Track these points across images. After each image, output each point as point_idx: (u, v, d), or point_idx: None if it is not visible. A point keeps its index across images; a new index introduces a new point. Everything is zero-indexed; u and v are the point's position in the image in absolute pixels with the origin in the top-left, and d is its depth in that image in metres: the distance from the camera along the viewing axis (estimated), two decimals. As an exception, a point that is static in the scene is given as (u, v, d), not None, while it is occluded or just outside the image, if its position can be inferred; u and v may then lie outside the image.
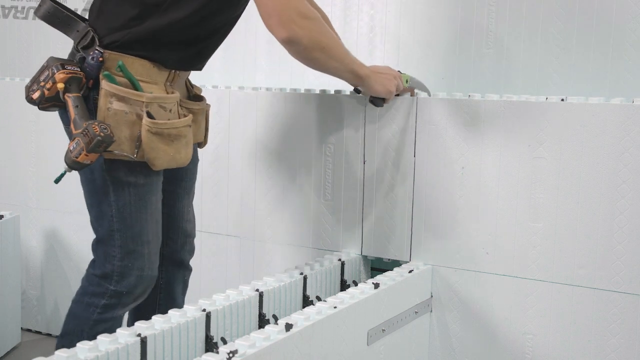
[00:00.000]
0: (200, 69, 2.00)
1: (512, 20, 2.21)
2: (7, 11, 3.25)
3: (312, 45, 1.82)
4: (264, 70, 2.63)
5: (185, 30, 1.85)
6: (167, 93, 1.89)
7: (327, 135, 2.30)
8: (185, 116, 1.92)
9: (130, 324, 2.16)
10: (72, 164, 1.76)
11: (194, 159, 2.14)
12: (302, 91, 2.36)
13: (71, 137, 1.77)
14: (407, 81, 2.14)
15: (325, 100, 2.30)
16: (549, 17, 2.17)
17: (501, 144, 2.06)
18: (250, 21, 2.26)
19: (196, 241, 2.58)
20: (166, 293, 2.15)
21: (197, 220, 2.57)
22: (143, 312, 2.09)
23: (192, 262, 2.61)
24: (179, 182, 2.10)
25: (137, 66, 1.82)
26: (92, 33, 1.83)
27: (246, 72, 2.68)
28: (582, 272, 1.98)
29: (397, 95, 2.14)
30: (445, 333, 2.17)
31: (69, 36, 1.87)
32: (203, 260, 2.58)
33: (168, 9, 1.81)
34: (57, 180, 1.84)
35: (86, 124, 1.73)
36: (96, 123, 1.73)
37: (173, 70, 1.90)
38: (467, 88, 2.28)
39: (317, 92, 2.32)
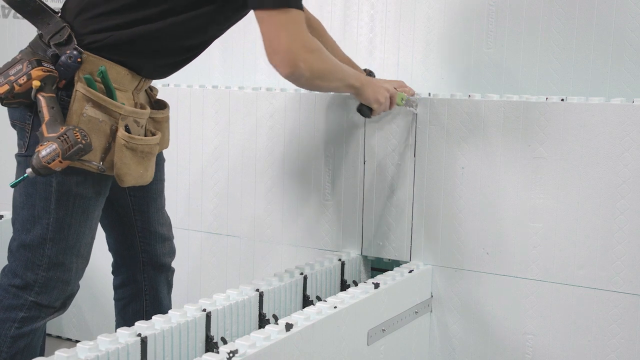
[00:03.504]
0: (166, 77, 1.94)
1: (512, 20, 2.21)
2: (7, 11, 3.25)
3: (314, 75, 1.81)
4: (264, 70, 2.63)
5: (175, 39, 1.79)
6: (135, 102, 1.82)
7: (327, 135, 2.30)
8: (152, 133, 1.86)
9: (118, 326, 2.14)
10: (42, 169, 1.63)
11: (162, 160, 2.09)
12: (303, 91, 2.36)
13: (40, 139, 1.66)
14: (402, 99, 2.13)
15: (325, 101, 2.30)
16: (549, 17, 2.17)
17: (501, 143, 2.06)
18: (250, 21, 2.25)
19: (197, 241, 2.59)
20: (152, 297, 2.10)
21: (197, 220, 2.58)
22: (130, 318, 2.06)
23: (193, 262, 2.61)
24: (148, 185, 2.00)
25: (113, 72, 1.74)
26: (69, 30, 1.72)
27: (246, 72, 2.67)
28: (582, 272, 1.98)
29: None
30: (445, 333, 2.17)
31: (39, 28, 1.75)
32: (203, 260, 2.58)
33: (162, 15, 1.74)
34: (14, 185, 1.71)
35: (64, 128, 1.64)
36: (77, 129, 1.64)
37: (143, 79, 1.84)
38: (467, 88, 2.28)
39: (318, 92, 2.32)
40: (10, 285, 1.77)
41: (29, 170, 1.65)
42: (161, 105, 1.99)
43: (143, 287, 2.09)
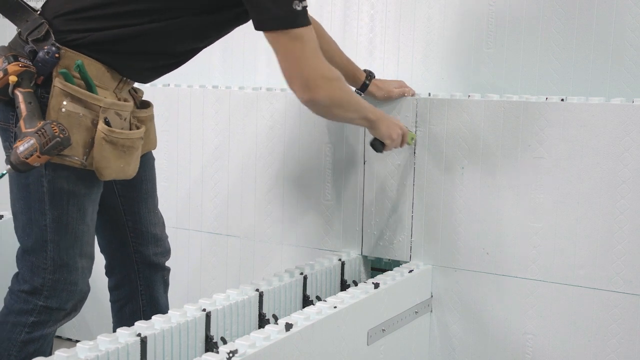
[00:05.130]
0: (149, 81, 1.93)
1: (512, 20, 2.21)
2: (7, 11, 3.25)
3: (332, 103, 1.83)
4: (264, 70, 2.63)
5: (159, 44, 1.79)
6: (118, 98, 1.80)
7: (327, 135, 2.30)
8: (137, 127, 1.85)
9: (115, 329, 2.13)
10: (20, 165, 1.61)
11: (151, 159, 2.06)
12: (302, 91, 2.35)
13: (19, 135, 1.64)
14: (412, 139, 2.14)
15: (325, 100, 2.29)
16: (549, 17, 2.17)
17: (501, 143, 2.06)
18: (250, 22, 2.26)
19: (197, 241, 2.59)
20: (148, 297, 2.09)
21: (198, 220, 2.58)
22: (127, 319, 2.06)
23: (193, 262, 2.61)
24: (138, 185, 1.99)
25: (92, 68, 1.72)
26: (47, 26, 1.70)
27: (246, 72, 2.68)
28: (582, 272, 1.98)
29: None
30: (445, 333, 2.17)
31: (17, 25, 1.74)
32: (203, 260, 2.58)
33: (148, 20, 1.74)
34: None
35: (42, 123, 1.62)
36: (54, 123, 1.62)
37: (124, 78, 1.81)
38: (467, 88, 2.28)
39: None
40: (20, 290, 1.78)
41: (7, 167, 1.63)
42: (145, 105, 1.98)
43: (139, 287, 2.08)
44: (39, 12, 1.77)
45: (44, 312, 1.77)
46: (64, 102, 1.68)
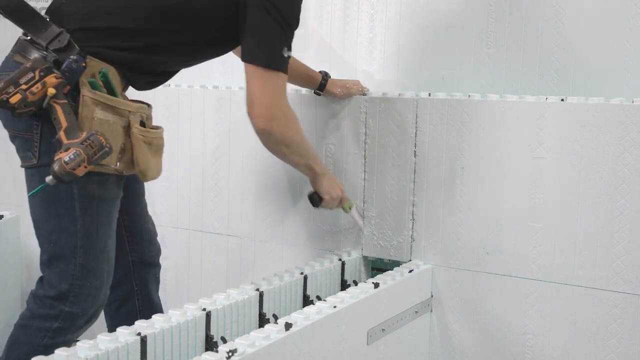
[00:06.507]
0: (144, 90, 1.98)
1: (512, 20, 2.21)
2: (7, 11, 3.25)
3: (283, 140, 1.89)
4: (264, 70, 2.63)
5: (161, 62, 1.88)
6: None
7: (327, 135, 2.30)
8: (156, 128, 1.89)
9: (112, 330, 2.14)
10: (65, 176, 1.62)
11: None
12: (304, 92, 2.36)
13: (58, 147, 1.65)
14: (350, 207, 2.20)
15: (325, 101, 2.30)
16: (548, 16, 2.17)
17: (501, 144, 2.06)
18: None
19: (197, 241, 2.59)
20: (143, 296, 2.11)
21: (197, 220, 2.58)
22: (125, 319, 2.06)
23: (193, 262, 2.62)
24: (132, 185, 2.01)
25: (109, 74, 1.77)
26: (68, 36, 1.71)
27: (246, 72, 2.67)
28: (582, 272, 1.98)
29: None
30: (445, 333, 2.17)
31: (32, 34, 1.72)
32: (203, 260, 2.58)
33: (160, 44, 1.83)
34: (34, 193, 1.71)
35: (86, 133, 1.64)
36: (99, 133, 1.65)
37: (125, 83, 1.86)
38: (467, 88, 2.28)
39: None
40: (46, 296, 1.78)
41: (48, 178, 1.63)
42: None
43: (134, 287, 2.09)
44: (48, 19, 1.77)
45: (68, 318, 1.78)
46: (95, 111, 1.70)
